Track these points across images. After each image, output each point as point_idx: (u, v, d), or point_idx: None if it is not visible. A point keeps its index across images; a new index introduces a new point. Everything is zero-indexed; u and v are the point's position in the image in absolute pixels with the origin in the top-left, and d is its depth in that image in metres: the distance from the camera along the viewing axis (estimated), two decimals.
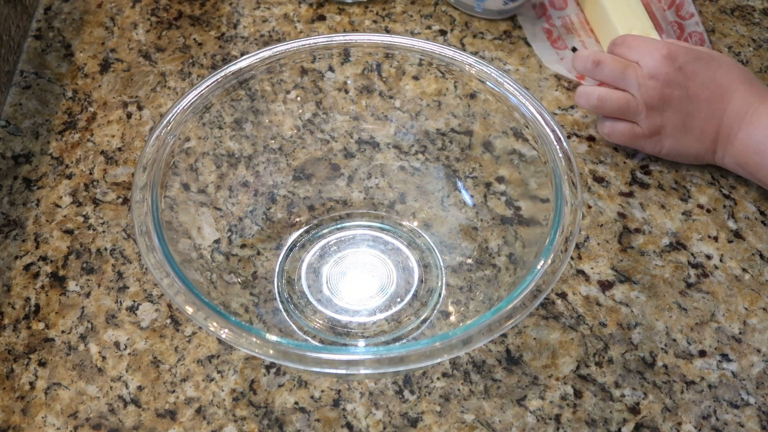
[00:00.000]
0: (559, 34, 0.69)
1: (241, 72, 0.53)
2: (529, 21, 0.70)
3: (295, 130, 0.58)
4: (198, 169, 0.53)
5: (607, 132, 0.61)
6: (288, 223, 0.57)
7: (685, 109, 0.58)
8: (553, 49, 0.68)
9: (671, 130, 0.58)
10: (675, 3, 0.70)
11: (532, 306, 0.42)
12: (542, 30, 0.69)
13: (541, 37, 0.69)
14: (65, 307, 0.54)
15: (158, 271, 0.44)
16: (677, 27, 0.69)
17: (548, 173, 0.48)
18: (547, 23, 0.70)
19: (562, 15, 0.71)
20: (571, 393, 0.51)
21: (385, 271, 0.56)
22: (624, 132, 0.60)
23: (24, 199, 0.60)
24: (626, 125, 0.60)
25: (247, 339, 0.41)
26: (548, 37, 0.69)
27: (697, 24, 0.69)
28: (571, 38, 0.69)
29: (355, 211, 0.58)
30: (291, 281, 0.55)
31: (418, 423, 0.50)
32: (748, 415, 0.50)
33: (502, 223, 0.54)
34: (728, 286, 0.56)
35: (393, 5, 0.73)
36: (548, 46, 0.68)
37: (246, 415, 0.50)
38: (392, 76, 0.57)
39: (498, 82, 0.52)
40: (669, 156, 0.60)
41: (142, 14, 0.73)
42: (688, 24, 0.69)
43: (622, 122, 0.60)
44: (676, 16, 0.69)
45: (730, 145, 0.58)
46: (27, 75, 0.68)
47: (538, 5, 0.71)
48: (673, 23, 0.69)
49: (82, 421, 0.49)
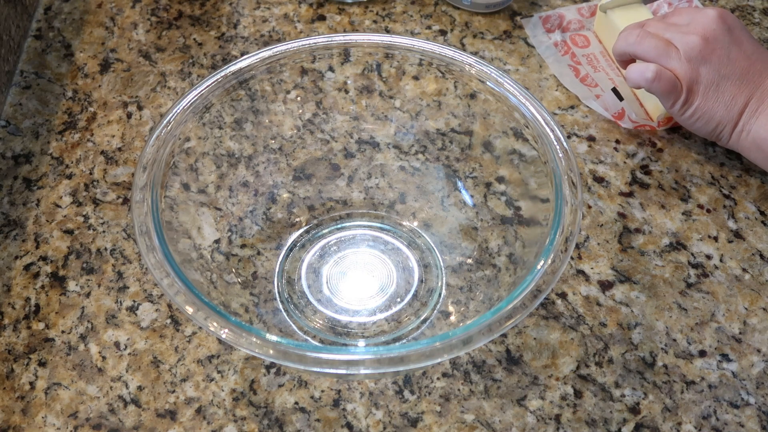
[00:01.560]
0: (587, 72, 0.68)
1: (241, 72, 0.53)
2: (554, 58, 0.69)
3: (295, 130, 0.58)
4: (198, 169, 0.53)
5: (652, 77, 0.58)
6: (288, 223, 0.57)
7: (722, 70, 0.57)
8: (585, 86, 0.67)
9: (704, 88, 0.58)
10: None
11: (532, 306, 0.42)
12: (569, 68, 0.69)
13: (569, 74, 0.68)
14: (65, 307, 0.54)
15: (158, 271, 0.44)
16: None
17: (548, 173, 0.48)
18: (572, 60, 0.69)
19: (587, 53, 0.70)
20: (571, 393, 0.51)
21: (385, 271, 0.56)
22: (670, 81, 0.58)
23: (24, 199, 0.60)
24: (673, 75, 0.58)
25: (247, 339, 0.41)
26: (576, 75, 0.68)
27: None
28: (599, 76, 0.68)
29: (355, 211, 0.58)
30: (291, 281, 0.55)
31: (418, 423, 0.50)
32: (748, 415, 0.50)
33: (502, 223, 0.54)
34: (728, 286, 0.56)
35: (393, 5, 0.73)
36: (578, 83, 0.68)
37: (246, 415, 0.50)
38: (392, 76, 0.57)
39: (498, 82, 0.52)
40: (692, 120, 0.59)
41: (142, 14, 0.73)
42: None
43: (670, 72, 0.58)
44: None
45: (754, 120, 0.57)
46: (27, 75, 0.68)
47: (560, 42, 0.70)
48: None
49: (82, 421, 0.50)
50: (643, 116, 0.65)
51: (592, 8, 0.72)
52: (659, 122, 0.63)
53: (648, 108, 0.65)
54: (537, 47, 0.70)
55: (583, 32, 0.71)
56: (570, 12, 0.72)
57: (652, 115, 0.65)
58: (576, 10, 0.72)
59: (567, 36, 0.71)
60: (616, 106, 0.64)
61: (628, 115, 0.64)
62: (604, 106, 0.65)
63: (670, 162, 0.62)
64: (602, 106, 0.65)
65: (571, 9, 0.72)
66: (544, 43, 0.70)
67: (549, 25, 0.71)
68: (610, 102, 0.64)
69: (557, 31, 0.71)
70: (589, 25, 0.72)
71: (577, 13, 0.72)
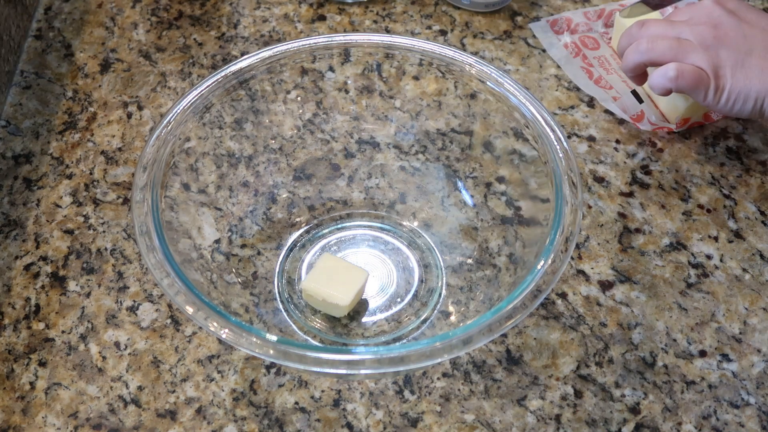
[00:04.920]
0: (600, 75, 0.68)
1: (242, 72, 0.53)
2: (566, 60, 0.69)
3: (296, 130, 0.58)
4: (198, 169, 0.53)
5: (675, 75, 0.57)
6: (288, 223, 0.57)
7: (742, 47, 0.57)
8: (600, 88, 0.67)
9: (730, 70, 0.57)
10: None
11: (533, 306, 0.42)
12: (581, 69, 0.68)
13: (583, 76, 0.68)
14: (65, 307, 0.54)
15: (158, 271, 0.44)
16: None
17: (548, 173, 0.48)
18: (584, 62, 0.69)
19: (597, 55, 0.70)
20: (572, 393, 0.51)
21: (385, 271, 0.56)
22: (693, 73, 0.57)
23: (24, 199, 0.60)
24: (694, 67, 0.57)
25: (248, 339, 0.41)
26: (590, 77, 0.68)
27: None
28: (612, 79, 0.68)
29: (356, 211, 0.58)
30: (291, 281, 0.55)
31: (418, 423, 0.50)
32: (749, 415, 0.50)
33: (503, 223, 0.54)
34: (728, 286, 0.56)
35: (393, 5, 0.73)
36: (593, 85, 0.67)
37: (246, 415, 0.50)
38: (392, 76, 0.57)
39: (498, 82, 0.52)
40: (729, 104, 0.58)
41: (143, 14, 0.73)
42: None
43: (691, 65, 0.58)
44: None
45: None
46: (27, 75, 0.68)
47: (570, 44, 0.70)
48: None
49: (82, 421, 0.50)
50: (660, 119, 0.65)
51: (598, 12, 0.72)
52: (677, 124, 0.63)
53: (664, 111, 0.65)
54: (548, 50, 0.70)
55: (592, 34, 0.71)
56: (576, 15, 0.72)
57: (669, 117, 0.64)
58: (582, 14, 0.72)
59: (576, 38, 0.70)
60: (635, 108, 0.64)
61: (648, 118, 0.64)
62: (623, 108, 0.65)
63: (670, 162, 0.62)
64: (621, 108, 0.65)
65: (577, 13, 0.72)
66: (555, 45, 0.70)
67: (557, 27, 0.71)
68: (629, 104, 0.64)
69: (566, 33, 0.71)
70: (596, 27, 0.72)
71: (583, 17, 0.72)
